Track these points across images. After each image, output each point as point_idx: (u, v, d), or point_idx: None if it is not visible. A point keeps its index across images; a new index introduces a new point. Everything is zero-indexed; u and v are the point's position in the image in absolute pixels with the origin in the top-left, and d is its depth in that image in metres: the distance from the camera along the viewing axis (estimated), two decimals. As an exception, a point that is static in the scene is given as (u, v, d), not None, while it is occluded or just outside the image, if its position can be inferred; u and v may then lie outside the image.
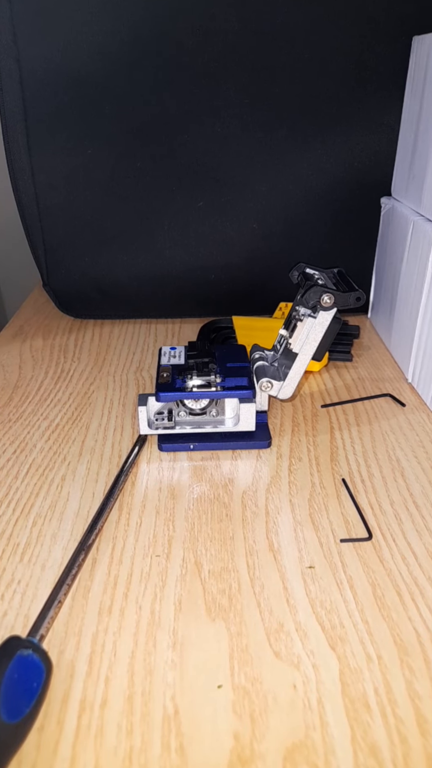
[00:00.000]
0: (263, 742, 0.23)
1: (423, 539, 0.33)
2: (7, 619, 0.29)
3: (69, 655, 0.27)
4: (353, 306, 0.38)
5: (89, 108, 0.54)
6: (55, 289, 0.63)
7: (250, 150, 0.57)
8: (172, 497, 0.37)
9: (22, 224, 0.59)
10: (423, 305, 0.47)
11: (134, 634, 0.28)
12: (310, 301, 0.38)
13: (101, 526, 0.34)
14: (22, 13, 0.51)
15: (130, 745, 0.23)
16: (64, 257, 0.61)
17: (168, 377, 0.41)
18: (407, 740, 0.24)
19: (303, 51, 0.53)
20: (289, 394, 0.41)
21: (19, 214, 0.58)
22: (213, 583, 0.31)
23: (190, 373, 0.40)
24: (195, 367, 0.41)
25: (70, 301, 0.64)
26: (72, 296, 0.64)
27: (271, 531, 0.34)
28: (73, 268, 0.61)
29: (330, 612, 0.29)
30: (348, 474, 0.39)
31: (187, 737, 0.24)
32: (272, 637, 0.28)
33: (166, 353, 0.44)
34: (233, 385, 0.40)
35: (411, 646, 0.27)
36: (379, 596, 0.30)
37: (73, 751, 0.23)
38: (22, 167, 0.56)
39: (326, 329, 0.39)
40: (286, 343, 0.41)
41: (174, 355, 0.43)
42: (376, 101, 0.55)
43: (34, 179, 0.57)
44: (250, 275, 0.62)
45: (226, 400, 0.41)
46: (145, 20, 0.52)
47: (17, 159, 0.56)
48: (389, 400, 0.48)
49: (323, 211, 0.59)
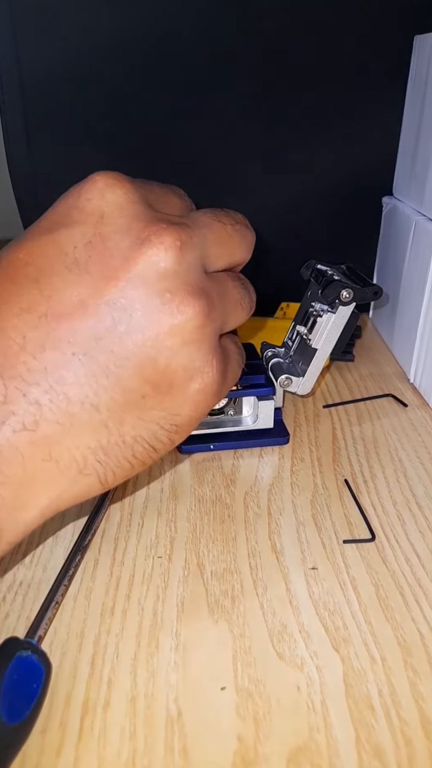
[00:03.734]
0: (267, 744, 0.23)
1: (426, 540, 0.33)
2: (9, 620, 0.29)
3: (71, 657, 0.27)
4: (370, 300, 0.39)
5: (89, 108, 0.54)
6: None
7: (250, 150, 0.57)
8: (173, 498, 0.37)
9: (22, 224, 0.59)
10: (425, 305, 0.46)
11: (136, 636, 0.28)
12: (329, 296, 0.38)
13: (96, 527, 0.34)
14: (22, 13, 0.51)
15: (133, 748, 0.23)
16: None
17: None
18: (412, 742, 0.23)
19: (303, 50, 0.53)
20: (309, 389, 0.41)
21: (20, 214, 0.58)
22: (215, 585, 0.31)
23: None
24: None
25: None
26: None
27: (273, 532, 0.34)
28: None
29: (333, 613, 0.29)
30: (350, 474, 0.39)
31: (191, 739, 0.24)
32: (275, 639, 0.28)
33: None
34: (251, 383, 0.40)
35: (415, 647, 0.27)
36: (382, 597, 0.30)
37: (76, 753, 0.23)
38: (21, 167, 0.56)
39: (346, 323, 0.39)
40: (301, 340, 0.42)
41: None
42: (377, 101, 0.55)
43: (34, 179, 0.56)
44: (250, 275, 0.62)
45: (243, 399, 0.42)
46: (145, 20, 0.51)
47: (17, 158, 0.56)
48: (391, 401, 0.48)
49: (324, 211, 0.59)
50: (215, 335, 0.25)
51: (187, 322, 0.23)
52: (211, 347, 0.25)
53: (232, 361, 0.28)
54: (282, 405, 0.43)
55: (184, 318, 0.23)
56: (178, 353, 0.24)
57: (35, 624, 0.27)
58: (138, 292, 0.23)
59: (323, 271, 0.41)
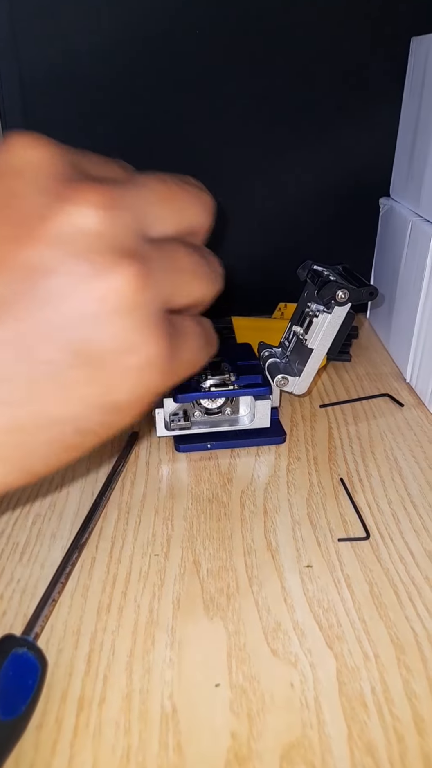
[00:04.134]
0: (260, 740, 0.24)
1: (420, 539, 0.34)
2: (6, 618, 0.29)
3: (68, 654, 0.27)
4: (366, 300, 0.39)
5: (89, 108, 0.54)
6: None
7: (249, 150, 0.57)
8: (170, 496, 0.37)
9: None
10: (421, 305, 0.47)
11: (132, 633, 0.28)
12: (325, 297, 0.38)
13: (94, 525, 0.34)
14: (22, 14, 0.51)
15: (128, 744, 0.24)
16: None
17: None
18: (404, 739, 0.24)
19: (303, 51, 0.53)
20: (305, 389, 0.41)
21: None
22: (211, 582, 0.31)
23: (204, 373, 0.40)
24: (208, 367, 0.41)
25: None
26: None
27: (269, 530, 0.34)
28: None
29: (327, 611, 0.29)
30: (346, 473, 0.39)
31: (185, 735, 0.24)
32: (270, 636, 0.28)
33: None
34: (248, 383, 0.41)
35: (408, 645, 0.27)
36: (376, 595, 0.30)
37: (72, 749, 0.23)
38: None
39: (341, 324, 0.40)
40: (297, 339, 0.42)
41: None
42: (374, 102, 0.55)
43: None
44: (249, 275, 0.62)
45: (240, 398, 0.42)
46: (145, 20, 0.52)
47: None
48: (387, 400, 0.48)
49: (322, 212, 0.59)
50: (155, 306, 0.22)
51: (117, 289, 0.21)
52: (148, 318, 0.22)
53: (189, 339, 0.25)
54: (279, 404, 0.43)
55: (114, 284, 0.21)
56: (107, 322, 0.21)
57: (32, 621, 0.27)
58: (58, 254, 0.20)
59: (319, 271, 0.42)
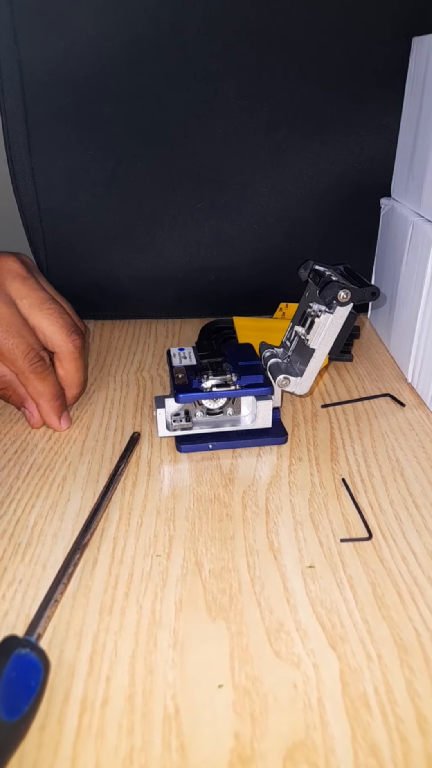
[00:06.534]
0: (264, 741, 0.24)
1: (423, 539, 0.34)
2: (8, 618, 0.29)
3: (70, 655, 0.27)
4: (368, 300, 0.39)
5: (90, 109, 0.54)
6: (56, 290, 0.63)
7: (250, 150, 0.57)
8: (172, 497, 0.37)
9: (23, 225, 0.59)
10: (422, 305, 0.47)
11: (135, 634, 0.28)
12: (327, 297, 0.38)
13: (95, 526, 0.34)
14: (22, 14, 0.51)
15: (130, 745, 0.23)
16: (64, 258, 0.61)
17: (184, 378, 0.41)
18: (407, 739, 0.24)
19: (303, 51, 0.53)
20: (307, 389, 0.41)
21: (20, 215, 0.59)
22: (213, 583, 0.31)
23: (205, 373, 0.40)
24: (210, 367, 0.41)
25: (71, 301, 0.64)
26: (72, 296, 0.64)
27: (271, 531, 0.34)
28: (73, 269, 0.61)
29: (330, 611, 0.29)
30: (348, 474, 0.39)
31: (188, 737, 0.24)
32: (272, 637, 0.28)
33: (175, 354, 0.44)
34: (250, 383, 0.41)
35: (411, 645, 0.27)
36: (379, 596, 0.30)
37: (74, 750, 0.23)
38: (22, 168, 0.56)
39: (343, 324, 0.39)
40: (299, 340, 0.42)
41: (184, 356, 0.44)
42: (375, 102, 0.55)
43: (35, 180, 0.57)
44: (250, 275, 0.62)
45: (242, 399, 0.42)
46: (145, 20, 0.52)
47: (18, 160, 0.56)
48: (389, 400, 0.48)
49: (323, 212, 0.59)
50: None
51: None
52: None
53: None
54: (280, 405, 0.43)
55: None
56: None
57: (34, 622, 0.27)
58: None
59: (321, 271, 0.41)
